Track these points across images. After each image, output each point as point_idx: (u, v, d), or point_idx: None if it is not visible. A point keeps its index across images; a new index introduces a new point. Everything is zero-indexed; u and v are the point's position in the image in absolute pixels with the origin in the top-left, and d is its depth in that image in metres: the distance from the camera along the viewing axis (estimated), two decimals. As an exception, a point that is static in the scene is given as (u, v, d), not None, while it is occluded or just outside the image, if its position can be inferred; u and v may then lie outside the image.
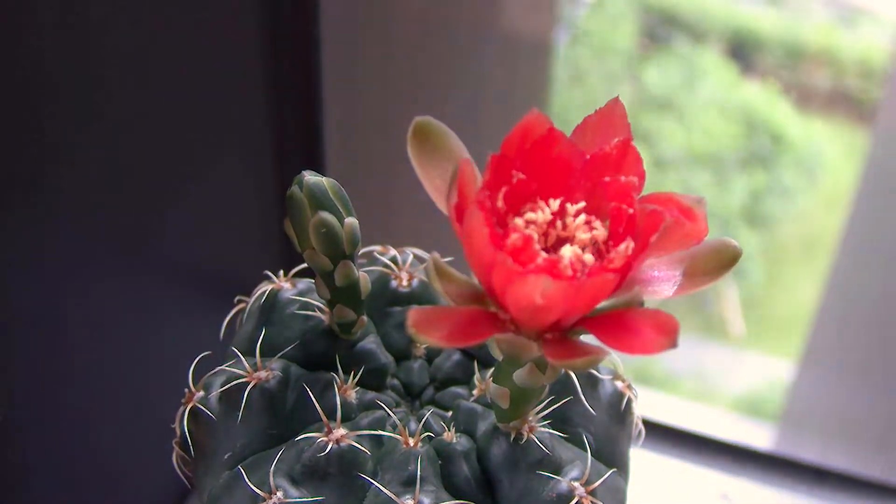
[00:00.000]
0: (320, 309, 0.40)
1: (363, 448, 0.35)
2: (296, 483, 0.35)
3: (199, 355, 0.39)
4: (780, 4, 2.92)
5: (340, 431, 0.35)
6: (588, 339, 0.29)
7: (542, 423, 0.36)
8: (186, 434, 0.38)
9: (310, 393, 0.37)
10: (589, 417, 0.38)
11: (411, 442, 0.36)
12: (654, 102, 2.66)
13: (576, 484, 0.34)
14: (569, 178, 0.29)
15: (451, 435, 0.37)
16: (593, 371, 0.39)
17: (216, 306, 0.44)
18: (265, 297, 0.40)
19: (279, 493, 0.34)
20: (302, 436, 0.36)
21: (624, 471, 0.40)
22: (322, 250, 0.37)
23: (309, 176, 0.37)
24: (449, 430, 0.37)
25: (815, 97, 2.71)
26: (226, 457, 0.37)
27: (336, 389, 0.38)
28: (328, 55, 0.59)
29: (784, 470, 0.76)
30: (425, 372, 0.42)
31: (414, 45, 0.76)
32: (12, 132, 0.40)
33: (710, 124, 2.61)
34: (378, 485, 0.34)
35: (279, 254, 0.61)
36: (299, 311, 0.40)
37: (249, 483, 0.35)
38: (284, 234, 0.38)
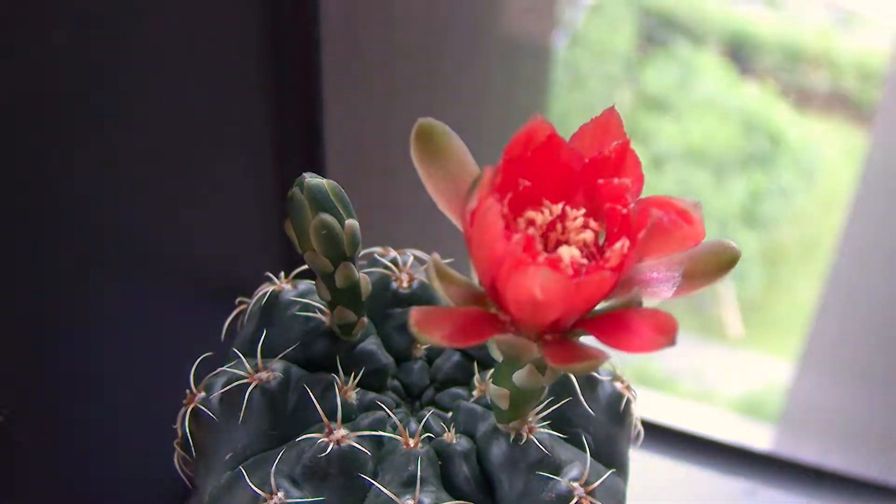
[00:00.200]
0: (321, 310, 0.40)
1: (364, 449, 0.35)
2: (297, 483, 0.35)
3: (201, 356, 0.39)
4: (778, 7, 2.93)
5: (341, 432, 0.35)
6: (587, 340, 0.29)
7: (541, 424, 0.36)
8: (188, 434, 0.38)
9: (310, 394, 0.37)
10: (588, 418, 0.38)
11: (411, 442, 0.36)
12: (652, 104, 2.66)
13: (575, 484, 0.35)
14: (569, 183, 0.29)
15: (451, 436, 0.37)
16: (592, 372, 0.40)
17: (217, 308, 0.44)
18: (266, 299, 0.41)
19: (280, 494, 0.34)
20: (303, 436, 0.36)
21: (623, 471, 0.40)
22: (323, 252, 0.37)
23: (309, 178, 0.37)
24: (449, 431, 0.37)
25: (814, 99, 2.71)
26: (227, 457, 0.37)
27: (337, 390, 0.38)
28: (328, 57, 0.59)
29: (783, 470, 0.76)
30: (425, 373, 0.42)
31: (414, 46, 0.76)
32: (12, 133, 0.40)
33: (708, 126, 2.61)
34: (378, 485, 0.34)
35: (280, 255, 0.61)
36: (300, 313, 0.40)
37: (250, 483, 0.35)
38: (285, 235, 0.38)
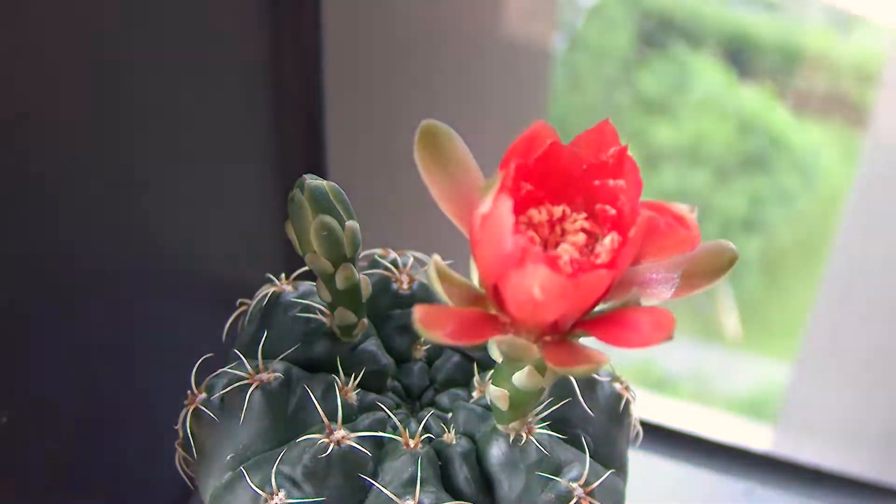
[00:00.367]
0: (321, 311, 0.40)
1: (364, 449, 0.35)
2: (297, 484, 0.35)
3: (202, 357, 0.39)
4: (776, 10, 2.93)
5: (341, 433, 0.36)
6: (587, 342, 0.30)
7: (540, 425, 0.36)
8: (189, 435, 0.38)
9: (311, 394, 0.37)
10: (587, 419, 0.39)
11: (412, 443, 0.36)
12: (651, 106, 2.66)
13: (574, 485, 0.35)
14: (569, 187, 0.29)
15: (450, 436, 0.37)
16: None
17: (218, 309, 0.44)
18: (267, 300, 0.41)
19: (281, 494, 0.35)
20: (303, 437, 0.36)
21: (622, 471, 0.40)
22: (323, 253, 0.38)
23: (310, 179, 0.37)
24: (449, 432, 0.37)
25: (812, 101, 2.71)
26: (228, 458, 0.37)
27: (337, 391, 0.38)
28: (330, 60, 0.60)
29: (782, 471, 0.76)
30: (425, 374, 0.42)
31: (415, 50, 0.76)
32: (14, 136, 0.40)
33: (707, 128, 2.62)
34: (379, 485, 0.35)
35: (280, 257, 0.61)
36: (301, 314, 0.40)
37: (251, 484, 0.35)
38: (286, 237, 0.38)
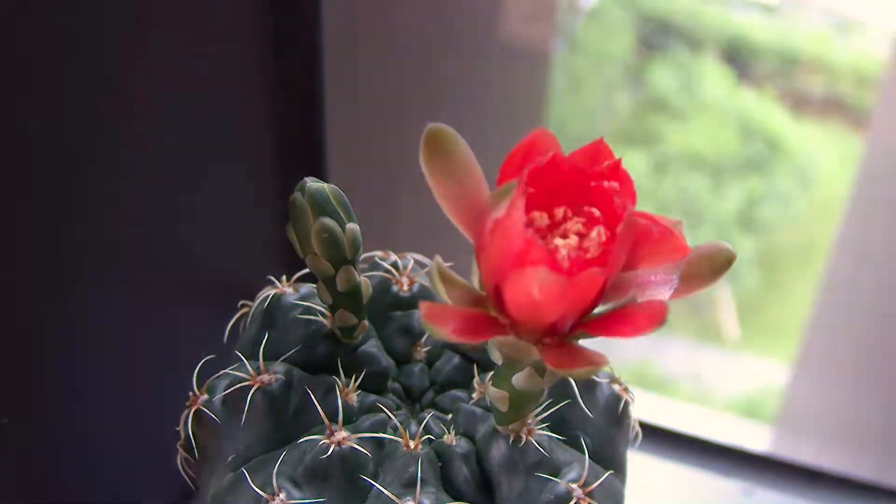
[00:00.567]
0: (322, 313, 0.40)
1: (364, 450, 0.36)
2: (298, 485, 0.35)
3: (204, 359, 0.39)
4: (775, 13, 2.94)
5: (342, 434, 0.36)
6: (586, 343, 0.30)
7: (540, 426, 0.36)
8: (191, 436, 0.38)
9: (312, 396, 0.38)
10: (586, 420, 0.39)
11: (412, 444, 0.36)
12: (650, 109, 2.67)
13: (573, 485, 0.35)
14: (567, 192, 0.29)
15: (451, 437, 0.37)
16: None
17: (220, 311, 0.44)
18: (268, 302, 0.41)
19: (282, 495, 0.35)
20: (304, 438, 0.36)
21: (621, 472, 0.40)
22: (324, 255, 0.38)
23: (311, 182, 0.37)
24: (449, 433, 0.37)
25: (810, 104, 2.72)
26: (229, 459, 0.37)
27: (338, 392, 0.38)
28: (330, 63, 0.60)
29: (780, 471, 0.76)
30: (426, 375, 0.42)
31: (415, 53, 0.76)
32: (12, 136, 0.40)
33: (706, 130, 2.62)
34: (379, 486, 0.35)
35: (282, 259, 0.62)
36: (302, 316, 0.40)
37: (252, 485, 0.35)
38: (287, 239, 0.39)
